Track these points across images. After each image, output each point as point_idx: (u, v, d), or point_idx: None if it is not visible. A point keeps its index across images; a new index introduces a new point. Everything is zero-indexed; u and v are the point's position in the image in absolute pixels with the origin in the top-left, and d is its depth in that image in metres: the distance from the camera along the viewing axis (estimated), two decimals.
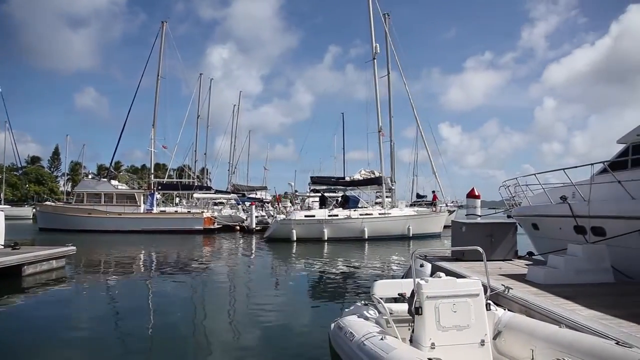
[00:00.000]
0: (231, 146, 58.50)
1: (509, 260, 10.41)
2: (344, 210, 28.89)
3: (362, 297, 8.56)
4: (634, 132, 9.67)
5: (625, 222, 8.69)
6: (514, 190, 14.01)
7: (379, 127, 32.17)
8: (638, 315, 5.44)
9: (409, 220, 29.17)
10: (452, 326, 4.38)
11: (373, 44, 32.16)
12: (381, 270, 16.12)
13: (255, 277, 15.60)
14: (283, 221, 27.90)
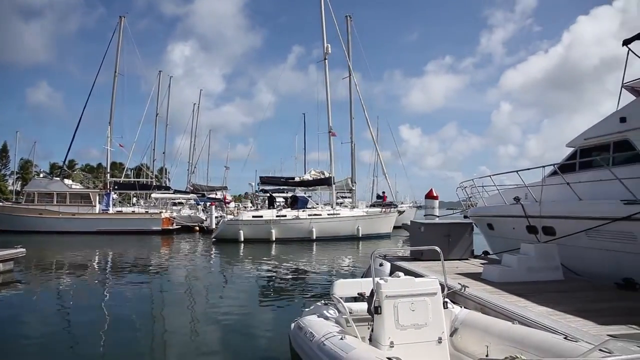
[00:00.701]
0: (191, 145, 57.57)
1: (466, 259, 10.67)
2: (293, 210, 28.79)
3: (319, 297, 8.61)
4: (582, 137, 10.12)
5: (573, 222, 9.08)
6: (470, 191, 14.41)
7: (329, 128, 32.21)
8: (584, 311, 5.70)
9: (358, 221, 29.34)
10: (411, 325, 4.46)
11: (324, 45, 32.20)
12: (332, 271, 16.23)
13: (210, 279, 15.35)
14: (230, 222, 27.67)
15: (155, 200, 39.81)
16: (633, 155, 8.72)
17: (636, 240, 7.86)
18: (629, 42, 9.33)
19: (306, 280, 14.16)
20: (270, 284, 13.76)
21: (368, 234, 28.97)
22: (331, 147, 32.51)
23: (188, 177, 55.78)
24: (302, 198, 31.34)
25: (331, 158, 32.59)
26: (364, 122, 33.10)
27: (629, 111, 8.97)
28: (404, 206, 45.15)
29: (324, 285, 13.21)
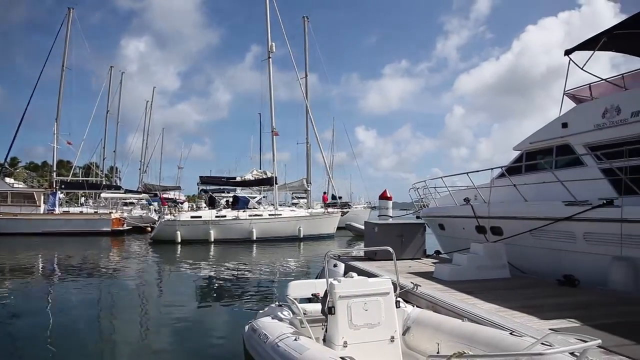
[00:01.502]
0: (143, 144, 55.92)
1: (418, 259, 10.91)
2: (233, 211, 28.28)
3: (265, 299, 8.55)
4: (527, 141, 10.57)
5: (519, 222, 9.49)
6: (423, 192, 14.77)
7: (271, 127, 31.65)
8: (529, 307, 5.97)
9: (300, 221, 28.99)
10: (364, 324, 4.52)
11: (269, 43, 31.46)
12: (277, 272, 16.14)
13: (156, 282, 14.80)
14: (167, 222, 26.79)
15: (104, 200, 38.42)
16: (573, 159, 9.20)
17: (576, 239, 8.29)
18: (570, 52, 9.84)
19: (250, 283, 13.84)
20: (217, 287, 13.47)
21: (310, 234, 28.64)
22: (274, 147, 31.93)
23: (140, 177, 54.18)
24: (243, 198, 30.68)
25: (274, 158, 32.00)
26: (321, 123, 33.03)
27: (570, 117, 9.46)
28: (358, 207, 45.59)
29: (268, 288, 13.23)
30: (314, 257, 20.45)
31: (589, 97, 9.73)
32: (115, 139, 52.53)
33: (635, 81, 9.05)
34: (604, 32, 9.16)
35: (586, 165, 8.82)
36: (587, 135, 8.92)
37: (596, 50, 9.53)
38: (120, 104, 52.34)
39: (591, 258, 7.85)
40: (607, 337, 4.53)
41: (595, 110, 8.81)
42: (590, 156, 8.78)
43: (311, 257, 20.76)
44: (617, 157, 7.93)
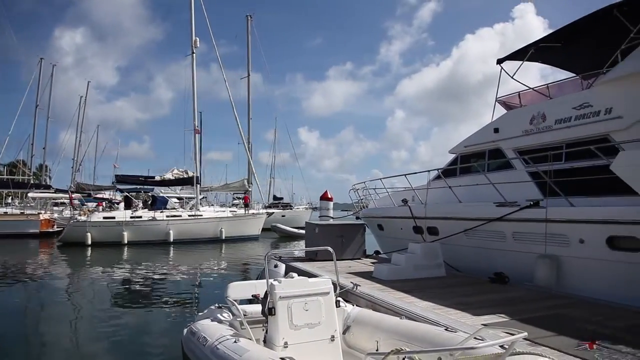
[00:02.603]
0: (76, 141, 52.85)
1: (358, 259, 11.07)
2: (150, 211, 27.10)
3: (187, 303, 8.24)
4: (462, 144, 11.03)
5: (454, 222, 9.87)
6: (362, 193, 15.02)
7: (193, 125, 30.54)
8: (462, 304, 6.23)
9: (221, 223, 28.08)
10: (304, 324, 4.53)
11: (192, 37, 30.42)
12: (199, 276, 15.76)
13: (78, 287, 13.91)
14: (77, 224, 25.17)
15: (32, 200, 36.12)
16: (504, 162, 9.70)
17: (505, 238, 8.74)
18: (501, 61, 10.37)
19: (178, 286, 13.49)
20: (141, 291, 12.94)
21: (233, 236, 27.87)
22: (196, 145, 30.96)
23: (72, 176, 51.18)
24: (161, 198, 29.51)
25: (195, 156, 31.06)
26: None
27: (501, 123, 9.96)
28: (300, 207, 45.68)
29: (195, 291, 12.99)
30: (234, 260, 20.15)
31: (518, 104, 10.29)
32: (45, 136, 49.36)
33: (559, 91, 9.67)
34: (532, 44, 9.74)
35: (515, 169, 9.31)
36: (516, 140, 9.43)
37: (525, 60, 10.12)
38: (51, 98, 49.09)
39: (519, 256, 8.30)
40: (533, 329, 4.82)
41: (524, 117, 9.33)
42: (518, 160, 9.28)
43: (232, 259, 20.43)
44: (543, 161, 8.43)
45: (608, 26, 8.13)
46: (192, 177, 30.51)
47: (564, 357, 4.11)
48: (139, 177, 32.29)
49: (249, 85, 38.16)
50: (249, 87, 38.34)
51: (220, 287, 13.19)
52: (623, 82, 7.52)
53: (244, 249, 24.43)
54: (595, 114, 7.86)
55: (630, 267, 6.65)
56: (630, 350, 4.28)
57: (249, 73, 38.51)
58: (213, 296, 11.92)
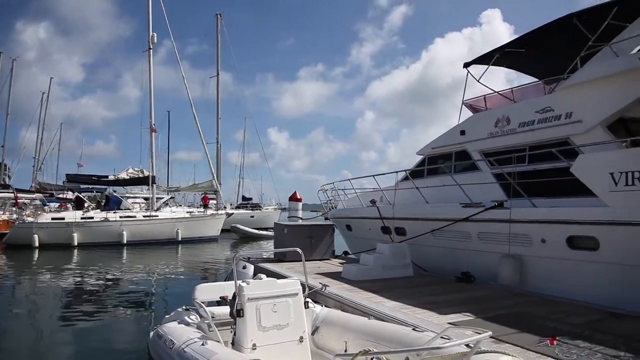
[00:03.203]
0: (38, 139, 51.05)
1: (327, 259, 11.10)
2: (102, 212, 26.04)
3: (130, 306, 7.88)
4: (429, 146, 11.20)
5: (421, 223, 10.01)
6: (331, 194, 15.07)
7: (150, 123, 29.22)
8: (430, 303, 6.33)
9: (178, 223, 27.26)
10: (273, 326, 4.51)
11: (150, 32, 29.11)
12: (150, 279, 15.28)
13: (39, 292, 12.94)
14: (22, 225, 24.07)
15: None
16: (470, 164, 9.90)
17: (471, 238, 8.92)
18: (468, 65, 10.60)
19: (133, 289, 13.20)
20: (92, 294, 12.45)
21: (190, 237, 27.06)
22: (152, 144, 29.85)
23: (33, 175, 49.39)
24: (114, 198, 28.51)
25: (152, 155, 29.93)
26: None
27: (467, 125, 10.17)
28: (269, 208, 45.43)
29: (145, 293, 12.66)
30: (191, 262, 19.77)
31: (484, 107, 10.52)
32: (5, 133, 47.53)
33: (523, 95, 9.94)
34: (497, 49, 9.99)
35: (481, 170, 9.52)
36: (481, 142, 9.64)
37: (490, 64, 10.37)
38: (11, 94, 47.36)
39: (484, 256, 8.49)
40: (497, 327, 4.96)
41: (489, 120, 9.55)
42: (484, 162, 9.49)
43: (188, 261, 20.04)
44: (507, 163, 8.65)
45: (568, 34, 8.42)
46: (148, 177, 29.46)
47: (526, 354, 4.23)
48: (92, 177, 31.27)
49: (218, 84, 37.75)
50: (218, 86, 37.93)
51: (178, 290, 13.06)
52: (582, 87, 7.79)
53: (201, 250, 23.78)
54: (557, 118, 8.12)
55: (588, 265, 6.90)
56: (587, 345, 4.46)
57: (218, 72, 38.09)
58: (170, 299, 11.71)
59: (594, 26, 7.87)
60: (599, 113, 7.47)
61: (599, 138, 7.37)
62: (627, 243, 6.44)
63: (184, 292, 11.39)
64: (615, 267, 6.55)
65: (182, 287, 13.23)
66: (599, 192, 6.88)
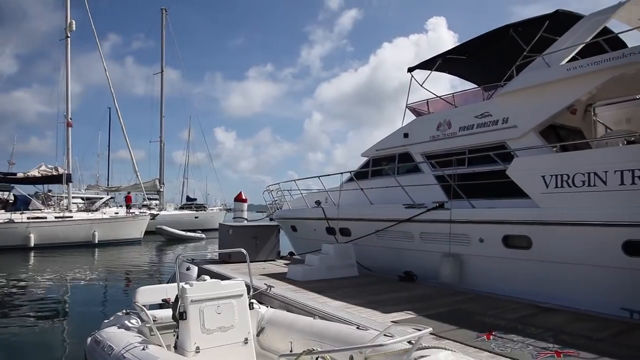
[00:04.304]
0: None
1: (272, 260, 11.05)
2: (7, 212, 23.89)
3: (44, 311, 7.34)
4: (374, 148, 11.40)
5: (365, 223, 10.18)
6: (277, 194, 15.03)
7: (66, 117, 27.15)
8: (374, 302, 6.44)
9: (94, 225, 25.24)
10: (217, 328, 4.44)
11: (68, 19, 27.15)
12: (58, 285, 13.99)
13: None
14: None
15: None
16: (412, 166, 10.17)
17: (414, 238, 9.17)
18: (412, 70, 10.89)
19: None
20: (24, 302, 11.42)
21: (110, 240, 25.27)
22: (69, 139, 27.65)
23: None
24: (22, 197, 26.44)
25: (68, 151, 27.85)
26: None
27: (410, 128, 10.44)
28: (214, 209, 44.64)
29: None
30: (103, 267, 18.42)
31: (426, 111, 10.85)
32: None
33: (463, 100, 10.34)
34: (439, 55, 10.34)
35: (423, 172, 9.80)
36: (424, 145, 9.93)
37: (433, 70, 10.71)
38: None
39: (426, 255, 8.75)
40: (437, 324, 5.12)
41: (431, 124, 9.86)
42: (426, 164, 9.78)
43: (101, 266, 18.68)
44: (448, 166, 8.97)
45: (505, 43, 8.85)
46: (62, 175, 27.16)
47: (465, 349, 4.39)
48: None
49: (162, 81, 36.77)
50: (162, 83, 36.95)
51: (94, 295, 12.34)
52: (517, 95, 8.20)
53: (120, 253, 22.19)
54: (494, 123, 8.50)
55: (522, 263, 7.28)
56: (521, 339, 4.71)
57: (162, 69, 37.09)
58: (89, 304, 10.94)
59: (528, 37, 8.32)
60: (532, 119, 7.90)
61: (532, 143, 7.79)
62: (556, 242, 6.84)
63: (104, 297, 11.24)
64: (546, 265, 6.95)
65: (100, 292, 12.62)
66: (532, 193, 7.28)
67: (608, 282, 6.27)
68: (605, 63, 7.02)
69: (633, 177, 6.12)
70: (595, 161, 6.64)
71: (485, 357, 4.22)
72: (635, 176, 6.11)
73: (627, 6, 7.62)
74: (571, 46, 7.82)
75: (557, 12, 8.18)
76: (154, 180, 36.11)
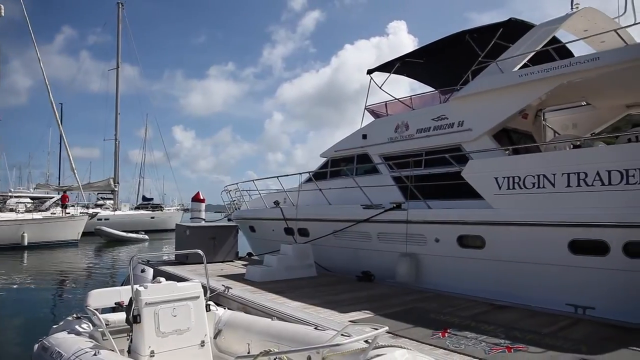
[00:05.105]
0: None
1: (230, 261, 10.93)
2: None
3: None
4: (332, 149, 11.46)
5: (324, 224, 10.22)
6: (235, 194, 14.87)
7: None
8: (332, 302, 6.47)
9: (23, 226, 23.69)
10: (173, 331, 4.34)
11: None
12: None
13: None
14: None
15: None
16: (371, 167, 10.29)
17: (371, 238, 9.27)
18: (371, 72, 11.01)
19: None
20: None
21: (41, 242, 23.72)
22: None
23: None
24: None
25: None
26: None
27: (369, 130, 10.56)
28: (171, 209, 43.71)
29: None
30: (32, 271, 17.42)
31: (385, 113, 11.00)
32: None
33: (421, 103, 10.54)
34: (398, 59, 10.51)
35: (381, 173, 9.93)
36: (382, 146, 10.06)
37: (392, 72, 10.88)
38: None
39: (384, 255, 8.87)
40: (394, 323, 5.21)
41: (389, 125, 10.00)
42: (384, 165, 9.92)
43: (32, 270, 17.64)
44: (405, 167, 9.12)
45: (462, 49, 9.09)
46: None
47: (420, 347, 4.48)
48: None
49: (117, 77, 35.75)
50: (118, 79, 35.93)
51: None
52: (472, 99, 8.45)
53: (51, 257, 20.90)
54: (450, 126, 8.72)
55: (476, 262, 7.49)
56: (474, 335, 4.85)
57: (118, 65, 36.06)
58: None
59: (483, 43, 8.58)
60: (486, 123, 8.15)
61: (485, 146, 8.04)
62: (508, 241, 7.09)
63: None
64: (498, 264, 7.19)
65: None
66: (485, 195, 7.51)
67: (555, 279, 6.55)
68: (554, 71, 7.33)
69: (579, 180, 6.42)
70: (544, 164, 6.92)
71: (441, 354, 4.32)
72: (580, 179, 6.41)
73: (573, 18, 7.99)
74: (523, 53, 8.12)
75: (510, 20, 8.48)
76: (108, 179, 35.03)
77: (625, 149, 6.61)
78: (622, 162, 6.10)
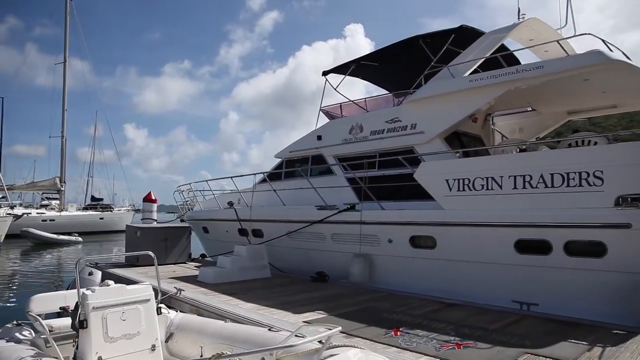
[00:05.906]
0: None
1: (183, 263, 10.71)
2: None
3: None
4: (287, 149, 11.45)
5: (278, 225, 10.19)
6: (188, 195, 14.59)
7: None
8: (286, 303, 6.47)
9: None
10: (122, 335, 4.21)
11: None
12: None
13: None
14: None
15: None
16: (325, 168, 10.35)
17: (325, 239, 9.33)
18: (326, 73, 11.08)
19: None
20: None
21: None
22: None
23: None
24: None
25: None
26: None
27: (323, 131, 10.61)
28: (121, 209, 42.34)
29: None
30: None
31: (339, 114, 11.09)
32: None
33: (375, 105, 10.70)
34: (353, 61, 10.62)
35: (335, 174, 10.01)
36: (336, 147, 10.14)
37: (347, 74, 10.98)
38: None
39: (338, 256, 8.94)
40: (348, 323, 5.26)
41: (344, 127, 10.09)
42: (338, 166, 10.00)
43: None
44: (359, 168, 9.23)
45: (415, 53, 9.30)
46: None
47: (374, 345, 4.54)
48: None
49: (65, 72, 34.27)
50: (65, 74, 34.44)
51: None
52: (424, 102, 8.65)
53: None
54: (403, 129, 8.89)
55: (427, 262, 7.69)
56: (425, 333, 4.97)
57: (65, 59, 34.57)
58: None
59: (436, 48, 8.81)
60: (438, 126, 8.37)
61: (437, 148, 8.26)
62: (458, 241, 7.31)
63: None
64: (449, 263, 7.40)
65: None
66: (437, 196, 7.72)
67: (502, 278, 6.82)
68: (502, 77, 7.63)
69: (524, 182, 6.72)
70: (492, 167, 7.19)
71: (393, 352, 4.39)
72: (525, 181, 6.70)
73: (520, 27, 8.34)
74: (473, 59, 8.40)
75: (462, 27, 8.75)
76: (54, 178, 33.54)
77: (566, 153, 6.96)
78: (563, 165, 6.44)
